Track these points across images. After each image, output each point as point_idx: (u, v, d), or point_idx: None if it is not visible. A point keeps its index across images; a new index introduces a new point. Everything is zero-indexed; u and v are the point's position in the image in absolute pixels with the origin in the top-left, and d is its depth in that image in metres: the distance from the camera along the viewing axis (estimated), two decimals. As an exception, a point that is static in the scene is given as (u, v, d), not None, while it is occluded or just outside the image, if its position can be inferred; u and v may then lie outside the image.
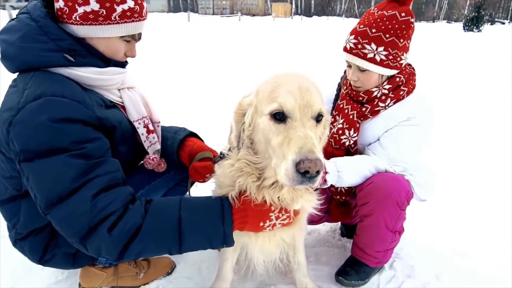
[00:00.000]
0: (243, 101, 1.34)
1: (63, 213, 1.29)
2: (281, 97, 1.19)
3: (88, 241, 1.30)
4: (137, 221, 1.32)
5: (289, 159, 1.10)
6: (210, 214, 1.39)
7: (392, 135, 1.80)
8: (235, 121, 1.37)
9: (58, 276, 1.98)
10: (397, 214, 1.77)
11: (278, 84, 1.23)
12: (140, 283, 1.90)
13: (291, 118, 1.18)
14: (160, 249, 1.39)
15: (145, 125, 1.68)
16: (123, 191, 1.38)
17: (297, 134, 1.13)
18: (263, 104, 1.25)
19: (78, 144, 1.31)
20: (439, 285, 1.94)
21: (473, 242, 2.31)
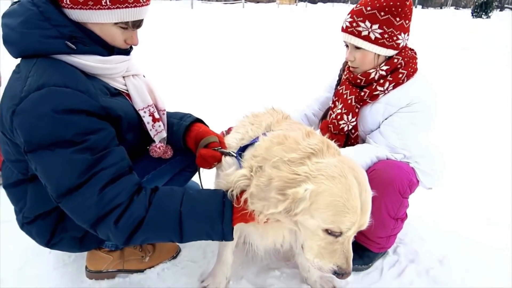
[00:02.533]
0: (299, 193, 1.19)
1: (73, 204, 1.34)
2: (345, 225, 1.21)
3: (98, 228, 1.36)
4: (140, 214, 1.35)
5: (328, 266, 1.27)
6: (209, 212, 1.40)
7: (392, 123, 1.78)
8: (286, 207, 1.22)
9: (66, 260, 2.01)
10: (399, 202, 1.77)
11: (345, 206, 1.18)
12: (146, 266, 1.93)
13: (343, 237, 1.25)
14: (162, 239, 1.46)
15: (150, 114, 1.67)
16: (128, 182, 1.40)
17: (343, 250, 1.25)
18: (322, 215, 1.21)
19: (82, 135, 1.31)
20: (443, 269, 1.95)
21: (477, 228, 2.31)
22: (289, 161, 1.26)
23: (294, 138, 1.33)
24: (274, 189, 1.22)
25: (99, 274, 1.86)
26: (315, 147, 1.29)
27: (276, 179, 1.22)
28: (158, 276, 1.91)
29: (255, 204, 1.28)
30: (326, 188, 1.19)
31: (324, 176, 1.20)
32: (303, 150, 1.28)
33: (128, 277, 1.90)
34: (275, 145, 1.33)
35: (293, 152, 1.27)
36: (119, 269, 1.89)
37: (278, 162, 1.27)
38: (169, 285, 1.85)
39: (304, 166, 1.23)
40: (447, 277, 1.89)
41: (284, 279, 1.89)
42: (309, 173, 1.21)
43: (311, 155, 1.27)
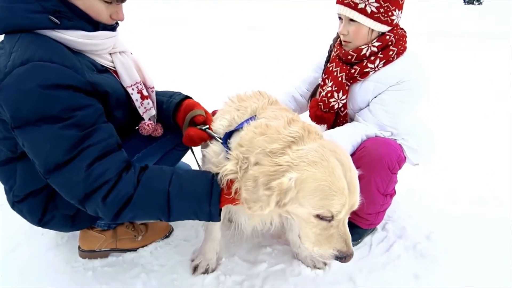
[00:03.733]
0: (284, 184, 1.19)
1: (61, 180, 1.35)
2: (334, 208, 1.21)
3: (86, 205, 1.37)
4: (129, 191, 1.36)
5: (328, 252, 1.28)
6: (197, 193, 1.41)
7: (381, 101, 1.80)
8: (275, 201, 1.22)
9: (58, 241, 2.03)
10: (388, 178, 1.80)
11: (331, 189, 1.19)
12: (138, 245, 1.95)
13: (336, 220, 1.25)
14: (150, 217, 1.47)
15: (139, 91, 1.66)
16: (117, 158, 1.40)
17: (339, 233, 1.26)
18: (310, 202, 1.22)
19: (69, 111, 1.30)
20: (429, 244, 2.00)
21: (462, 205, 2.36)
22: (271, 153, 1.26)
23: (275, 128, 1.33)
24: (261, 186, 1.22)
25: (92, 253, 1.88)
26: (296, 135, 1.29)
27: (260, 176, 1.22)
28: (151, 255, 1.93)
29: (253, 207, 1.26)
30: (309, 174, 1.20)
31: (305, 163, 1.20)
32: (284, 139, 1.28)
33: (121, 256, 1.92)
34: (257, 136, 1.32)
35: (275, 143, 1.28)
36: (112, 248, 1.90)
37: (260, 154, 1.28)
38: (162, 263, 1.88)
39: (285, 155, 1.24)
40: (433, 251, 1.94)
41: (276, 256, 1.93)
42: (291, 161, 1.22)
43: (292, 144, 1.27)
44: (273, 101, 1.64)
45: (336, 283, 1.76)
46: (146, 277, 1.78)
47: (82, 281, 1.76)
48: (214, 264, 1.83)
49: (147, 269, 1.84)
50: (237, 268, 1.85)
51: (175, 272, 1.82)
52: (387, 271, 1.83)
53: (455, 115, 4.05)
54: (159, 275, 1.80)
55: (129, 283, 1.75)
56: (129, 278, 1.78)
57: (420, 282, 1.76)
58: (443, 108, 4.16)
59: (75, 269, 1.84)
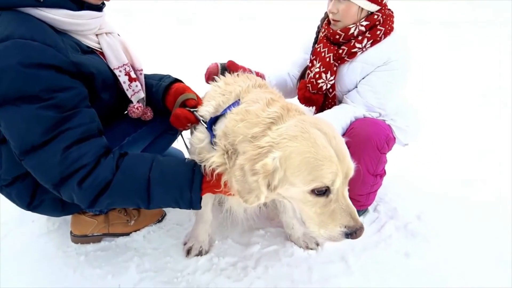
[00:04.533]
0: (268, 164, 1.15)
1: (36, 162, 1.31)
2: (326, 178, 1.14)
3: (61, 189, 1.34)
4: (107, 176, 1.33)
5: (336, 231, 1.19)
6: (179, 179, 1.39)
7: (369, 82, 1.80)
8: (264, 184, 1.18)
9: (50, 227, 2.01)
10: (377, 158, 1.81)
11: (317, 159, 1.13)
12: (131, 230, 1.95)
13: (333, 192, 1.19)
14: (129, 204, 1.45)
15: (126, 73, 1.63)
16: (96, 144, 1.37)
17: (341, 207, 1.19)
18: (299, 178, 1.16)
19: (50, 92, 1.27)
20: (420, 224, 2.03)
21: (452, 186, 2.40)
22: (252, 138, 1.23)
23: (254, 112, 1.30)
24: (248, 173, 1.18)
25: (84, 238, 1.87)
26: (274, 115, 1.26)
27: (245, 163, 1.19)
28: (144, 239, 1.93)
29: (248, 199, 1.21)
30: (292, 149, 1.16)
31: (286, 139, 1.17)
32: (263, 122, 1.25)
33: (114, 240, 1.91)
34: (238, 123, 1.29)
35: (255, 127, 1.25)
36: (104, 233, 1.89)
37: (243, 141, 1.25)
38: (156, 247, 1.88)
39: (266, 137, 1.21)
40: (424, 230, 1.97)
41: (269, 237, 1.94)
42: (272, 141, 1.18)
43: (271, 125, 1.24)
44: (260, 83, 1.60)
45: (329, 263, 1.78)
46: (139, 260, 1.78)
47: (75, 265, 1.75)
48: (207, 246, 1.84)
49: (140, 252, 1.84)
50: (230, 250, 1.86)
51: (168, 255, 1.82)
52: (378, 250, 1.85)
53: (444, 99, 4.08)
54: (152, 258, 1.80)
55: (122, 266, 1.74)
56: (122, 262, 1.77)
57: (410, 260, 1.79)
58: (433, 92, 4.20)
59: (67, 254, 1.83)
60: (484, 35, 7.16)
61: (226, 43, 6.36)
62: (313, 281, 1.68)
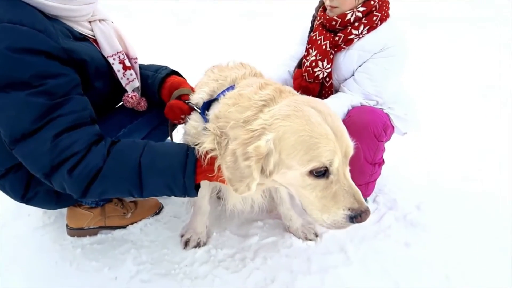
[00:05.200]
0: (261, 147, 1.10)
1: (26, 151, 1.28)
2: (324, 157, 1.08)
3: (52, 179, 1.31)
4: (97, 163, 1.29)
5: (340, 214, 1.12)
6: (171, 162, 1.33)
7: (366, 69, 1.78)
8: (257, 169, 1.12)
9: (46, 220, 1.99)
10: (375, 146, 1.79)
11: (312, 137, 1.08)
12: (128, 223, 1.92)
13: (333, 173, 1.12)
14: (121, 192, 1.38)
15: (120, 61, 1.60)
16: (88, 131, 1.33)
17: (343, 188, 1.12)
18: (296, 159, 1.10)
19: (40, 78, 1.24)
20: (420, 214, 2.01)
21: (450, 177, 2.38)
22: (245, 122, 1.19)
23: (246, 95, 1.26)
24: (240, 158, 1.12)
25: (80, 231, 1.85)
26: (266, 97, 1.21)
27: (237, 148, 1.14)
28: (141, 231, 1.91)
29: (239, 188, 1.16)
30: (285, 129, 1.10)
31: (279, 119, 1.12)
32: (255, 105, 1.20)
33: (111, 233, 1.89)
34: (230, 107, 1.25)
35: (247, 111, 1.20)
36: (100, 226, 1.87)
37: (235, 126, 1.20)
38: (153, 239, 1.86)
39: (258, 120, 1.16)
40: (423, 220, 1.95)
41: (267, 229, 1.92)
42: (264, 123, 1.13)
43: (263, 107, 1.20)
44: (256, 72, 1.56)
45: (328, 254, 1.76)
46: (136, 253, 1.76)
47: (71, 258, 1.73)
48: (205, 238, 1.82)
49: (137, 245, 1.81)
50: (228, 241, 1.84)
51: (166, 247, 1.80)
52: (378, 240, 1.83)
53: (444, 92, 4.06)
54: (149, 250, 1.78)
55: (119, 259, 1.72)
56: (119, 254, 1.75)
57: (411, 249, 1.77)
58: (433, 86, 4.17)
59: (64, 247, 1.81)
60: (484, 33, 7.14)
61: (226, 42, 6.31)
62: (312, 271, 1.66)
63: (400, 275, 1.63)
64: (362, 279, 1.62)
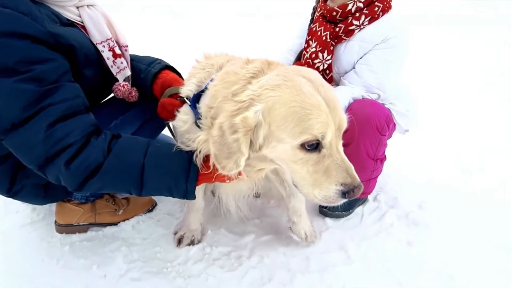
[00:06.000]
0: (249, 118, 1.04)
1: (18, 141, 1.23)
2: (316, 129, 1.02)
3: (47, 170, 1.25)
4: (98, 159, 1.24)
5: (332, 189, 1.07)
6: (175, 168, 1.30)
7: (367, 61, 1.73)
8: (245, 143, 1.07)
9: (34, 217, 1.91)
10: (377, 140, 1.73)
11: (304, 108, 1.02)
12: (119, 220, 1.84)
13: (325, 147, 1.07)
14: (119, 190, 1.35)
15: (110, 48, 1.54)
16: (83, 121, 1.27)
17: (336, 163, 1.07)
18: (286, 131, 1.04)
19: (27, 64, 1.18)
20: (422, 213, 1.95)
21: (451, 176, 2.32)
22: (232, 95, 1.12)
23: (232, 71, 1.19)
24: (227, 132, 1.06)
25: (69, 228, 1.77)
26: (254, 70, 1.15)
27: (224, 121, 1.07)
28: (133, 228, 1.83)
29: (226, 166, 1.10)
30: (275, 99, 1.04)
31: (268, 89, 1.06)
32: (243, 78, 1.14)
33: (101, 230, 1.81)
34: (217, 87, 1.19)
35: (234, 85, 1.14)
36: (91, 222, 1.79)
37: (222, 102, 1.13)
38: (145, 237, 1.78)
39: (246, 91, 1.09)
40: (426, 219, 1.88)
41: (264, 227, 1.85)
42: (252, 94, 1.07)
43: (252, 79, 1.13)
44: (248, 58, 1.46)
45: (327, 252, 1.69)
46: (127, 250, 1.68)
47: (59, 255, 1.65)
48: (199, 235, 1.74)
49: (128, 242, 1.74)
50: (223, 239, 1.77)
51: (158, 245, 1.73)
52: (379, 239, 1.76)
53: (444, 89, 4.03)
54: (141, 248, 1.70)
55: (108, 256, 1.65)
56: (109, 252, 1.68)
57: (413, 248, 1.70)
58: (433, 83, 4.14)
59: (51, 244, 1.73)
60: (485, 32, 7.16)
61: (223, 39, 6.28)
62: (311, 270, 1.59)
63: (403, 274, 1.55)
64: (363, 278, 1.54)
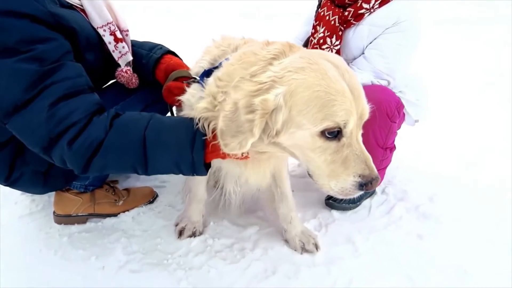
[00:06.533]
0: (269, 100, 0.99)
1: (21, 123, 1.18)
2: (339, 116, 0.98)
3: (52, 152, 1.20)
4: (99, 136, 1.18)
5: (349, 180, 1.03)
6: (178, 137, 1.22)
7: (377, 45, 1.67)
8: (259, 126, 1.02)
9: (33, 208, 1.88)
10: (387, 127, 1.67)
11: (328, 93, 0.97)
12: (119, 210, 1.79)
13: (346, 135, 1.02)
14: (125, 168, 1.27)
15: (111, 32, 1.50)
16: (87, 100, 1.23)
17: (355, 153, 1.03)
18: (307, 117, 0.99)
19: (28, 44, 1.14)
20: (432, 206, 1.87)
21: (461, 170, 2.24)
22: (251, 76, 1.06)
23: (251, 51, 1.14)
24: (242, 110, 1.01)
25: (68, 218, 1.72)
26: (276, 51, 1.09)
27: (241, 98, 1.02)
28: (133, 220, 1.78)
29: (229, 144, 1.05)
30: (298, 83, 0.98)
31: (292, 71, 1.00)
32: (263, 59, 1.08)
33: (101, 221, 1.77)
34: (234, 66, 1.13)
35: (253, 66, 1.08)
36: (90, 213, 1.75)
37: (240, 82, 1.07)
38: (145, 228, 1.73)
39: (267, 72, 1.04)
40: (437, 212, 1.81)
41: (269, 219, 1.79)
42: (274, 76, 1.01)
43: (273, 60, 1.07)
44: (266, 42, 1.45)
45: (334, 245, 1.63)
46: (126, 242, 1.63)
47: (56, 246, 1.61)
48: (201, 227, 1.68)
49: (128, 234, 1.69)
50: (226, 231, 1.71)
51: (159, 236, 1.67)
52: (388, 232, 1.70)
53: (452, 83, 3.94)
54: (141, 240, 1.65)
55: (107, 248, 1.60)
56: (108, 243, 1.63)
57: (424, 242, 1.63)
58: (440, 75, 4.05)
59: (49, 235, 1.68)
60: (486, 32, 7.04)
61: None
62: (317, 263, 1.52)
63: (413, 268, 1.49)
64: (372, 271, 1.48)
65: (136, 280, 1.44)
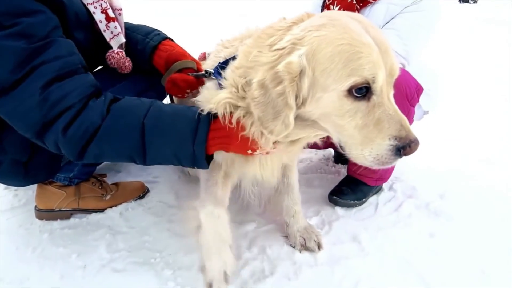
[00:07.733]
0: (293, 63, 0.91)
1: (10, 107, 1.08)
2: (367, 69, 0.88)
3: (45, 138, 1.10)
4: (95, 122, 1.08)
5: (384, 146, 0.92)
6: (179, 127, 1.12)
7: (394, 25, 1.56)
8: (292, 93, 0.93)
9: (15, 203, 1.76)
10: (406, 111, 1.52)
11: (353, 45, 0.88)
12: (106, 206, 1.67)
13: (376, 93, 0.92)
14: (121, 156, 1.16)
15: (103, 10, 1.39)
16: (82, 81, 1.12)
17: (388, 113, 0.92)
18: (332, 75, 0.90)
19: (12, 16, 1.03)
20: (443, 203, 1.74)
21: (472, 166, 2.11)
22: (270, 47, 0.98)
23: (267, 27, 1.06)
24: (270, 86, 0.92)
25: (50, 213, 1.60)
26: (294, 19, 1.01)
27: (265, 75, 0.94)
28: (120, 216, 1.66)
29: (274, 129, 0.96)
30: (320, 39, 0.90)
31: (312, 31, 0.92)
32: (280, 28, 1.00)
33: (86, 217, 1.65)
34: (251, 46, 1.04)
35: (271, 37, 1.00)
36: (74, 208, 1.62)
37: (257, 56, 0.98)
38: (133, 225, 1.60)
39: (286, 36, 0.95)
40: (449, 210, 1.68)
41: (267, 216, 1.66)
42: (294, 38, 0.93)
43: (291, 27, 0.99)
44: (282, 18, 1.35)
45: (338, 243, 1.49)
46: (111, 239, 1.51)
47: (36, 243, 1.49)
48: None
49: (114, 230, 1.56)
50: (220, 228, 1.57)
51: (147, 234, 1.55)
52: (397, 230, 1.56)
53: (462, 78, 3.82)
54: (127, 237, 1.53)
55: (90, 245, 1.47)
56: (91, 240, 1.50)
57: (436, 240, 1.50)
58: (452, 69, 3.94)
59: (29, 231, 1.57)
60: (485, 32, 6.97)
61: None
62: (319, 262, 1.39)
63: (426, 268, 1.35)
64: (380, 271, 1.34)
65: (119, 280, 1.31)
